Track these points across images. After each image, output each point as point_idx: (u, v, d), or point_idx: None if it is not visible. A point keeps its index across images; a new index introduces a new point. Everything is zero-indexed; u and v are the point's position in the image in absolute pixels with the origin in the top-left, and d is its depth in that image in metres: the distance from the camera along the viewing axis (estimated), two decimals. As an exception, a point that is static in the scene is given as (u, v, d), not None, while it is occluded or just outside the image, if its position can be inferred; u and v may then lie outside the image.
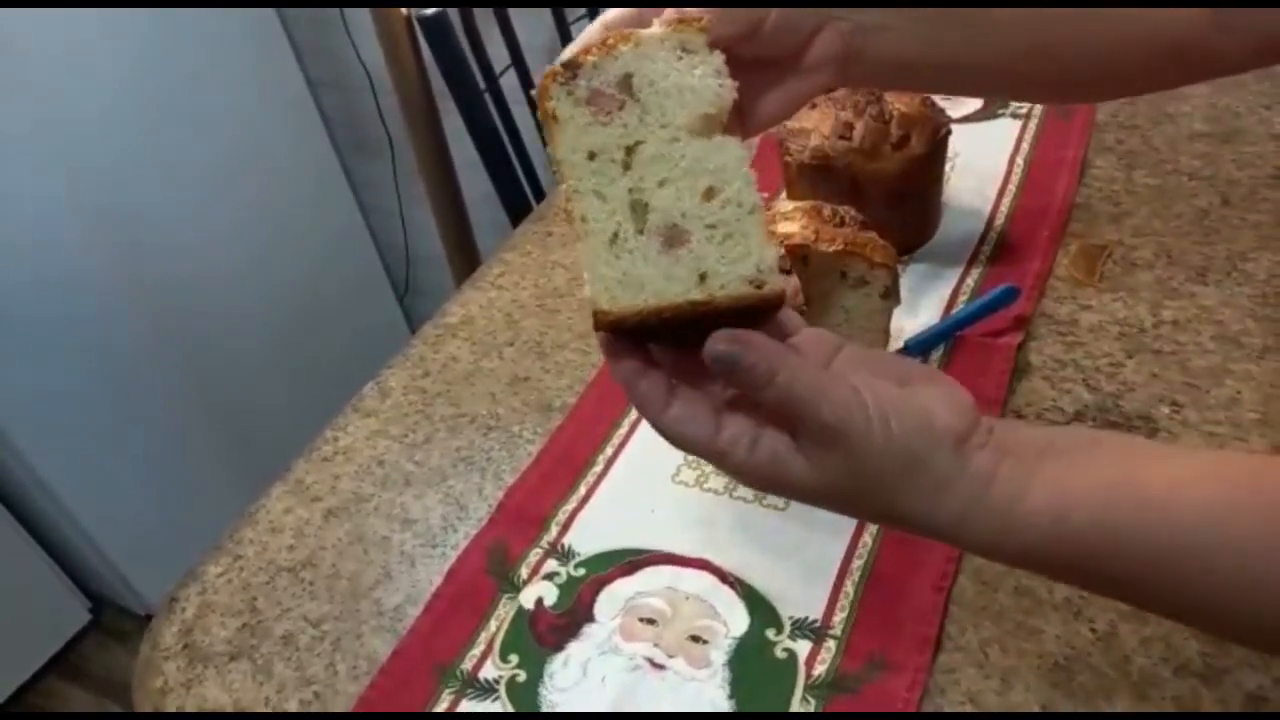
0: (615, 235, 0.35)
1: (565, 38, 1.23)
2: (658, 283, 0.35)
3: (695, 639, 0.55)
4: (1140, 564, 0.33)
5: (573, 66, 0.35)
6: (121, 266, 1.44)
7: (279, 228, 1.68)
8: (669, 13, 0.36)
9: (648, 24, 0.36)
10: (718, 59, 0.35)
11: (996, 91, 0.48)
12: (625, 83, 0.35)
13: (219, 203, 1.56)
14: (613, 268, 0.35)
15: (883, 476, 0.34)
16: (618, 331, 0.35)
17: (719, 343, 0.33)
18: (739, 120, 0.39)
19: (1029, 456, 0.34)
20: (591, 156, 0.35)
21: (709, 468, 0.63)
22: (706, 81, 0.35)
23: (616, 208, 0.35)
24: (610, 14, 0.38)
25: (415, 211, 1.83)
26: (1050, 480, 0.33)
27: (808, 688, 0.51)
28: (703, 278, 0.35)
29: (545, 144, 0.36)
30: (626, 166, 0.35)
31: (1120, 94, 0.73)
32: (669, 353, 0.37)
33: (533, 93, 0.36)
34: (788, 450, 0.35)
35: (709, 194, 0.35)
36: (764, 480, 0.36)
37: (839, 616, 0.54)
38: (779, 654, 0.53)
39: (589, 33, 0.38)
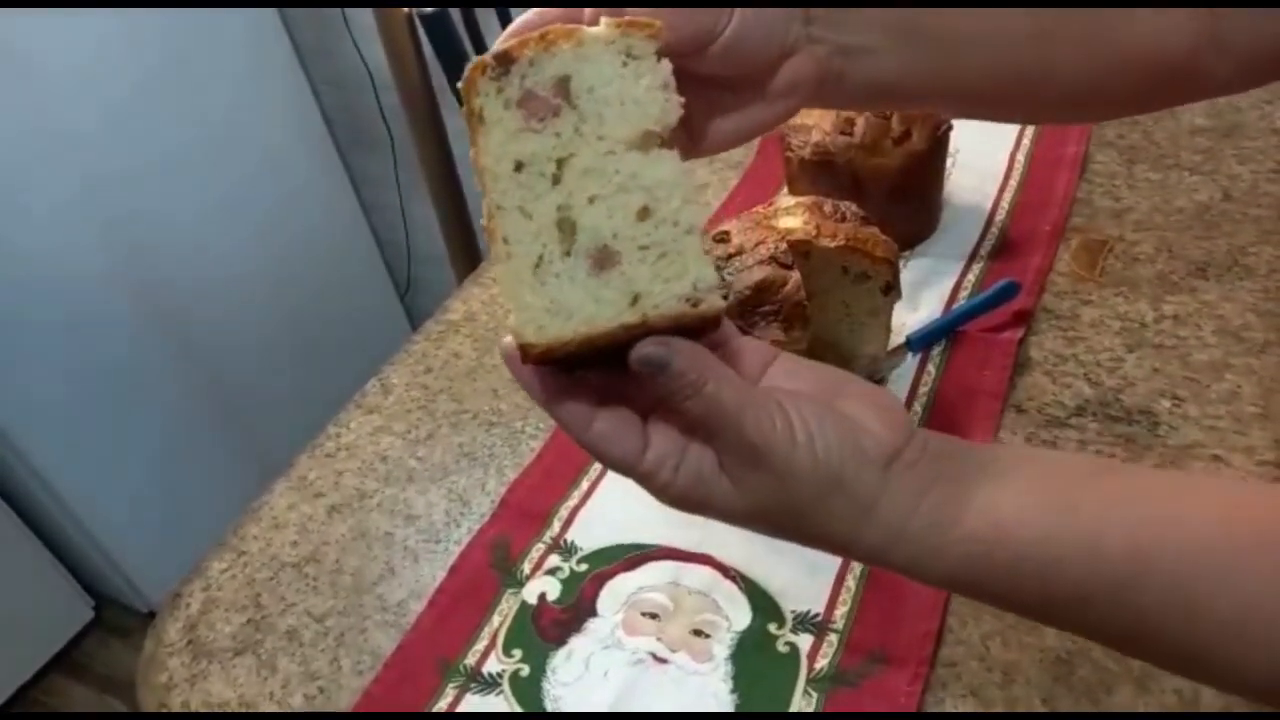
0: (540, 259, 0.32)
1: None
2: (587, 308, 0.32)
3: (698, 633, 0.55)
4: (1073, 596, 0.31)
5: (505, 60, 0.31)
6: (124, 266, 1.44)
7: (281, 226, 1.68)
8: (610, 14, 0.32)
9: (589, 23, 0.33)
10: (665, 70, 0.32)
11: (980, 113, 0.45)
12: (562, 85, 0.32)
13: (220, 201, 1.56)
14: (538, 295, 0.32)
15: (806, 499, 0.32)
16: (546, 362, 0.33)
17: (648, 345, 0.32)
18: (686, 138, 0.37)
19: (963, 477, 0.33)
20: (519, 167, 0.32)
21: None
22: (652, 94, 0.32)
23: (542, 228, 0.32)
24: (536, 13, 0.35)
25: (417, 209, 1.83)
26: (984, 505, 0.32)
27: (809, 682, 0.52)
28: (635, 299, 0.32)
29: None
30: (556, 180, 0.32)
31: (1109, 116, 0.72)
32: (597, 374, 0.35)
33: (459, 86, 0.32)
34: (712, 471, 0.33)
35: (644, 213, 0.32)
36: (689, 502, 0.34)
37: (841, 611, 0.54)
38: (781, 648, 0.53)
39: (524, 20, 0.34)
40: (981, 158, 0.86)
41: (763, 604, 0.56)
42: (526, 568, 0.60)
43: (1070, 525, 0.31)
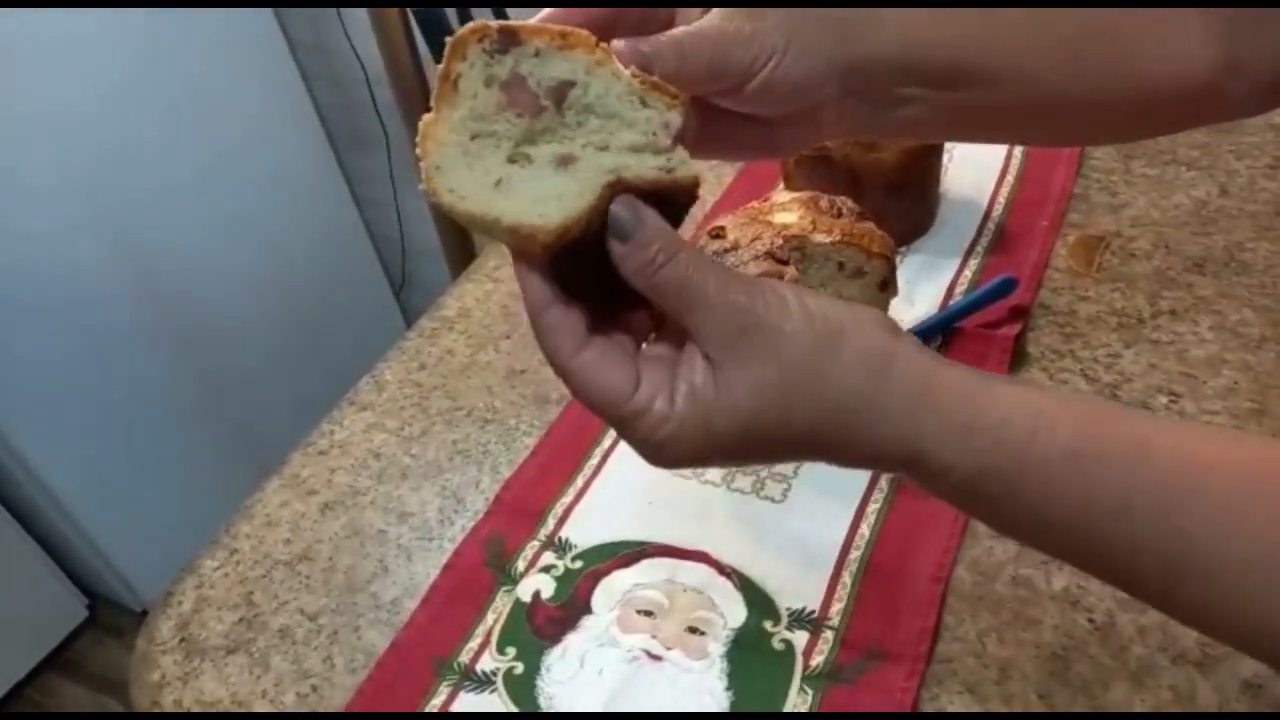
0: (499, 181, 0.30)
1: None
2: (568, 194, 0.30)
3: (693, 630, 0.54)
4: (1115, 505, 0.28)
5: (510, 38, 0.29)
6: (115, 261, 1.43)
7: (274, 222, 1.67)
8: (629, 49, 0.30)
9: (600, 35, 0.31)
10: (677, 122, 0.31)
11: (1001, 140, 0.45)
12: (560, 90, 0.29)
13: (213, 197, 1.56)
14: (475, 165, 0.29)
15: (810, 362, 0.29)
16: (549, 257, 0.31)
17: (618, 204, 0.30)
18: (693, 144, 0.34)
19: (984, 373, 0.30)
20: (474, 137, 0.29)
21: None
22: (655, 136, 0.30)
23: (491, 165, 0.30)
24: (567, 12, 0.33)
25: (411, 205, 1.83)
26: (1019, 396, 0.29)
27: (805, 678, 0.51)
28: (612, 172, 0.30)
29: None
30: (512, 156, 0.30)
31: (1129, 138, 0.71)
32: (591, 309, 0.32)
33: (446, 39, 0.29)
34: (703, 377, 0.30)
35: (580, 111, 0.30)
36: (690, 431, 0.30)
37: (836, 607, 0.54)
38: (776, 645, 0.53)
39: (550, 13, 0.32)
40: (978, 153, 0.85)
41: (758, 601, 0.55)
42: (521, 565, 0.60)
43: (1116, 429, 0.28)
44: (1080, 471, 0.28)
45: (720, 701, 0.51)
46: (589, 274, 0.31)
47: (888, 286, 0.63)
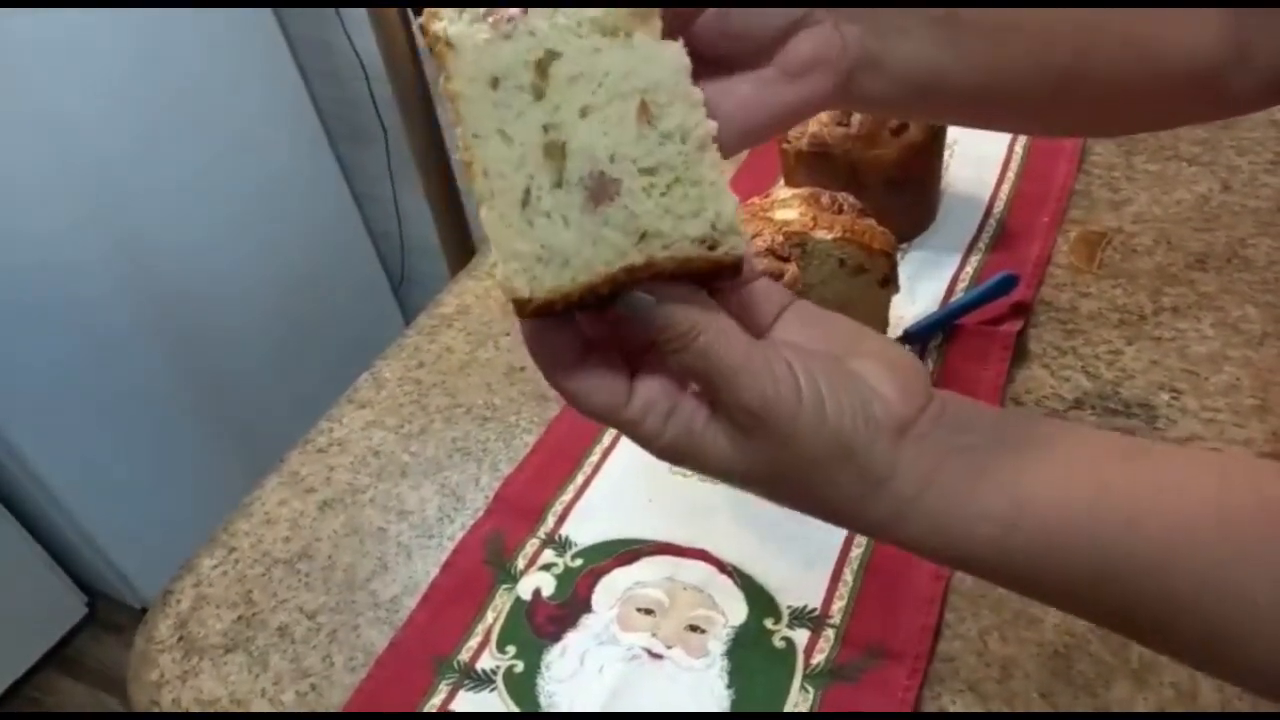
0: (527, 194, 0.28)
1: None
2: (584, 252, 0.28)
3: (693, 629, 0.54)
4: (1100, 580, 0.29)
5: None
6: (114, 258, 1.43)
7: (272, 218, 1.67)
8: None
9: None
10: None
11: (1010, 121, 0.43)
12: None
13: (212, 193, 1.55)
14: (528, 239, 0.28)
15: (809, 465, 0.30)
16: (543, 315, 0.29)
17: (638, 292, 0.29)
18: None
19: (982, 448, 0.31)
20: (495, 84, 0.27)
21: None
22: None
23: (526, 153, 0.27)
24: None
25: (410, 201, 1.82)
26: (1005, 481, 0.30)
27: (806, 677, 0.51)
28: (642, 237, 0.28)
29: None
30: (539, 94, 0.27)
31: (1132, 129, 0.70)
32: (586, 316, 0.31)
33: (418, 21, 0.29)
34: (705, 427, 0.30)
35: (644, 120, 0.28)
36: (678, 454, 0.31)
37: (838, 605, 0.54)
38: (777, 643, 0.53)
39: None
40: (980, 149, 0.85)
41: (759, 599, 0.55)
42: (521, 563, 0.59)
43: (1102, 504, 0.29)
44: (1062, 553, 0.29)
45: (721, 700, 0.51)
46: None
47: (889, 283, 0.63)
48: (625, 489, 0.63)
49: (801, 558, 0.57)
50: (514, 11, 0.27)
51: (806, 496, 0.31)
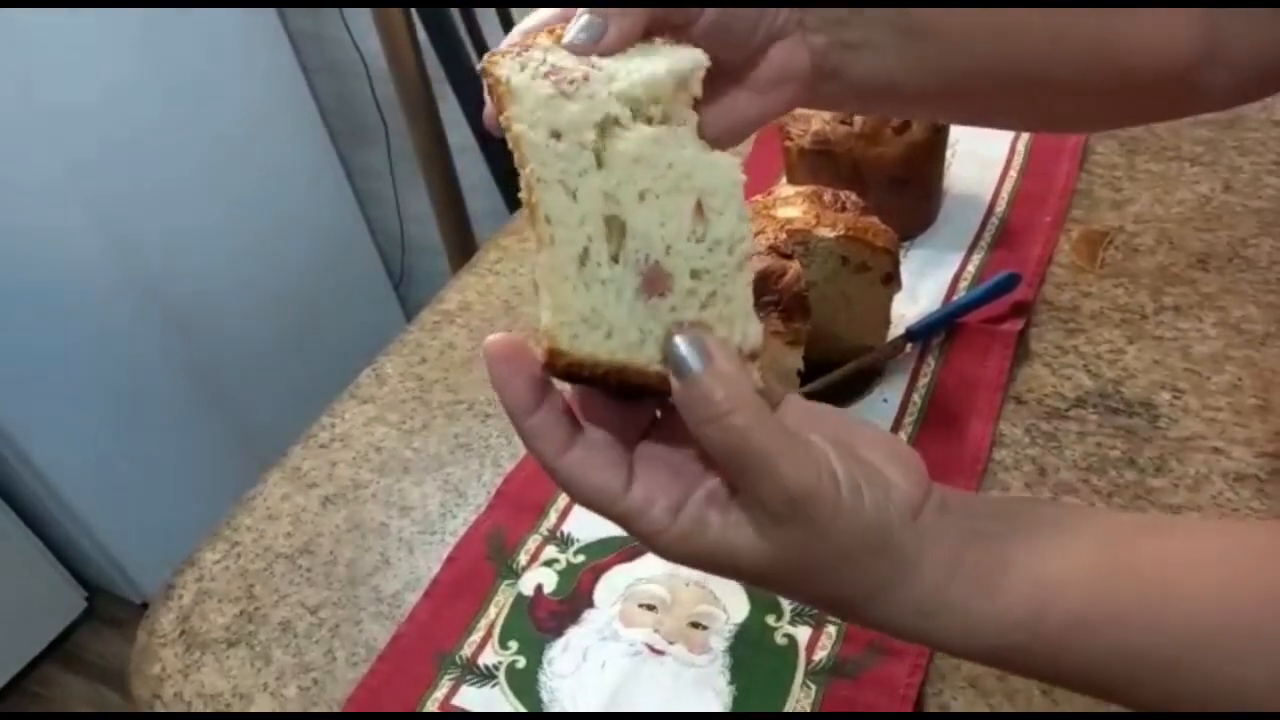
0: (586, 253, 0.28)
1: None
2: (631, 334, 0.29)
3: (695, 625, 0.54)
4: (1133, 663, 0.28)
5: (527, 47, 0.30)
6: (115, 254, 1.43)
7: (274, 215, 1.67)
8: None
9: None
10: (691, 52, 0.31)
11: (977, 118, 0.43)
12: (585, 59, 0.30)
13: (214, 190, 1.55)
14: (580, 297, 0.28)
15: (843, 556, 0.28)
16: (569, 378, 0.29)
17: (682, 343, 0.28)
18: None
19: (997, 534, 0.30)
20: (558, 136, 0.29)
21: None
22: (679, 53, 0.30)
23: (588, 214, 0.28)
24: (541, 14, 0.32)
25: (411, 198, 1.82)
26: (1028, 566, 0.29)
27: (808, 673, 0.51)
28: None
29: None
30: (599, 161, 0.29)
31: (1104, 127, 0.71)
32: (584, 400, 0.31)
33: (479, 65, 0.30)
34: (720, 516, 0.29)
35: (698, 221, 0.29)
36: (681, 553, 0.30)
37: (839, 602, 0.54)
38: (779, 640, 0.53)
39: (528, 24, 0.33)
40: (982, 148, 0.85)
41: (761, 596, 0.55)
42: (523, 559, 0.60)
43: (1130, 587, 0.29)
44: (1095, 638, 0.29)
45: (723, 696, 0.51)
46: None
47: (891, 281, 0.63)
48: (627, 485, 0.63)
49: (803, 555, 0.57)
50: (577, 75, 0.29)
51: (835, 591, 0.30)
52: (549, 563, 0.59)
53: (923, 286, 0.73)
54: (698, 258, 0.29)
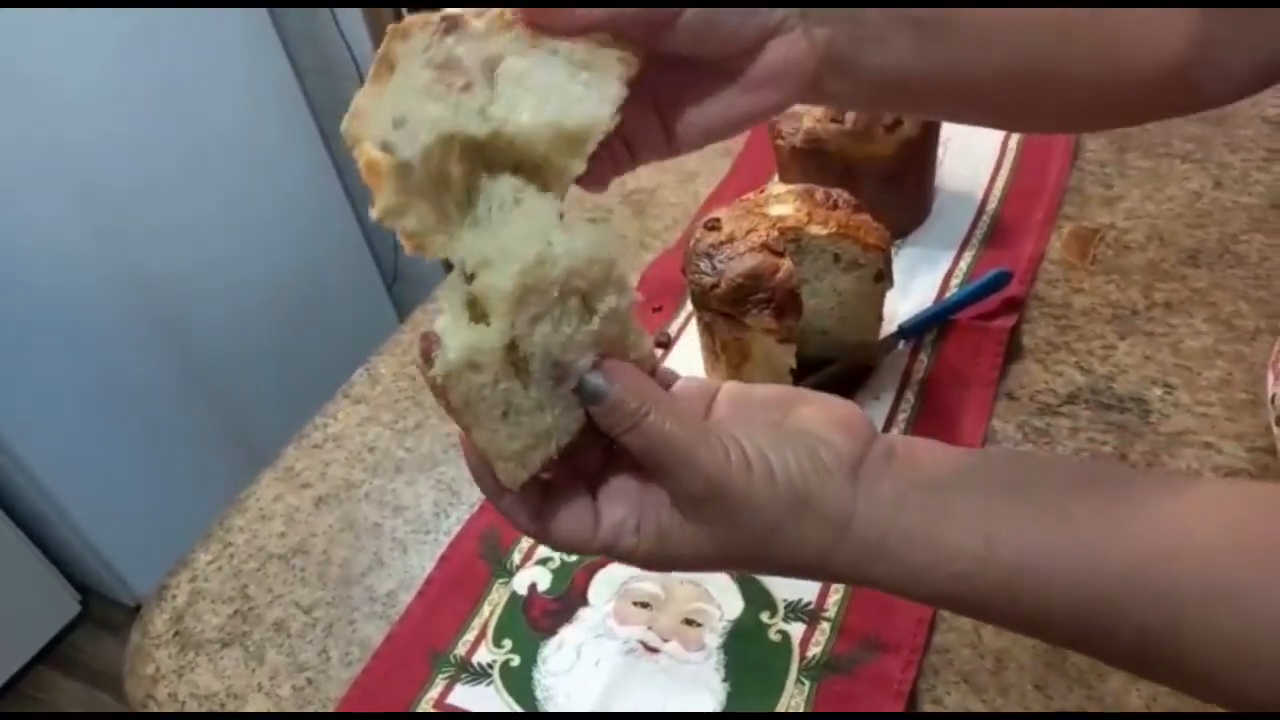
0: (507, 410, 0.31)
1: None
2: (561, 422, 0.32)
3: (689, 622, 0.54)
4: (1074, 613, 0.29)
5: (453, 26, 0.29)
6: (108, 256, 1.42)
7: (266, 216, 1.66)
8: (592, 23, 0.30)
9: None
10: (615, 89, 0.30)
11: (981, 117, 0.43)
12: (490, 64, 0.30)
13: (206, 190, 1.55)
14: (516, 439, 0.31)
15: (771, 527, 0.31)
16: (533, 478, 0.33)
17: (590, 375, 0.31)
18: (660, 135, 0.34)
19: (941, 484, 0.31)
20: (398, 124, 0.29)
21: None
22: (586, 102, 0.30)
23: (497, 371, 0.30)
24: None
25: (405, 199, 1.82)
26: (970, 517, 0.30)
27: (802, 669, 0.51)
28: None
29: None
30: (498, 329, 0.30)
31: (1101, 127, 0.71)
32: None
33: (391, 27, 0.30)
34: (670, 520, 0.32)
35: (585, 311, 0.31)
36: (656, 560, 0.33)
37: (833, 599, 0.54)
38: (773, 636, 0.53)
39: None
40: (973, 145, 0.85)
41: (755, 593, 0.55)
42: (517, 558, 0.60)
43: (1066, 537, 0.30)
44: (1035, 589, 0.30)
45: (717, 693, 0.51)
46: None
47: (883, 278, 0.63)
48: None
49: (797, 552, 0.57)
50: (461, 82, 0.29)
51: (779, 558, 0.32)
52: (543, 561, 0.59)
53: (915, 284, 0.73)
54: (593, 338, 0.32)
